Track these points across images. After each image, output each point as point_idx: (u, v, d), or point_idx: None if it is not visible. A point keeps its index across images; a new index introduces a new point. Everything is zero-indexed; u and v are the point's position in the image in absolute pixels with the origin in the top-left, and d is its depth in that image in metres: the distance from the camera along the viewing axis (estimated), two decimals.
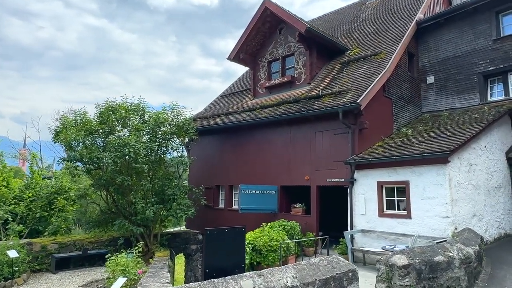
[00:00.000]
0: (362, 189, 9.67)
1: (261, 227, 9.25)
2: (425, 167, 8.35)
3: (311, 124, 11.58)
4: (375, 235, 9.22)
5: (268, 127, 13.05)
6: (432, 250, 6.02)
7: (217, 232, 4.73)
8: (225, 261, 4.60)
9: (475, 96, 12.46)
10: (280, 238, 8.03)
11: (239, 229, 4.98)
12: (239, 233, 4.94)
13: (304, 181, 11.46)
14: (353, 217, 9.79)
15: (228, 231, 4.86)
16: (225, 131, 14.82)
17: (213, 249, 4.52)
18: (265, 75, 15.29)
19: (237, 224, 13.66)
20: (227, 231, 4.85)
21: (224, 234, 4.77)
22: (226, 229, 4.90)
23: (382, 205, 9.22)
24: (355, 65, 12.88)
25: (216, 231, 4.79)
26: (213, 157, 15.36)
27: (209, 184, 15.20)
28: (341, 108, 10.05)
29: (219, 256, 4.53)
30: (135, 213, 12.32)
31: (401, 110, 12.52)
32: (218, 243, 4.58)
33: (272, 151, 12.75)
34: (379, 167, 9.25)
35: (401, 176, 8.83)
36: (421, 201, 8.36)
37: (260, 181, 12.76)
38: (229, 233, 4.83)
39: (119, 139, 11.64)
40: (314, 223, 10.96)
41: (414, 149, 8.82)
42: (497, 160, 10.13)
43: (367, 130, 10.51)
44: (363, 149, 10.30)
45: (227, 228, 4.92)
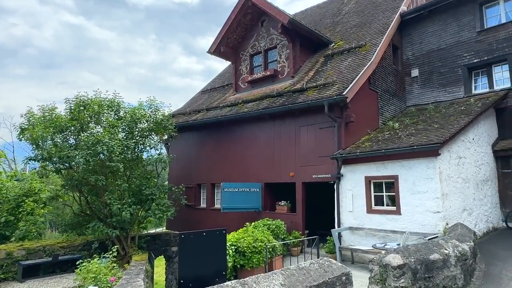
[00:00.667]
0: (350, 184, 9.29)
1: (244, 227, 8.72)
2: (414, 161, 8.03)
3: (295, 118, 11.14)
4: (363, 232, 8.85)
5: (250, 122, 12.53)
6: (427, 248, 5.65)
7: (193, 236, 4.11)
8: (204, 269, 4.00)
9: (460, 89, 12.31)
10: (265, 239, 7.53)
11: (219, 232, 4.38)
12: (219, 236, 4.33)
13: (289, 178, 11.01)
14: (341, 214, 9.41)
15: (206, 235, 4.24)
16: (206, 127, 14.21)
17: (189, 256, 3.89)
18: (247, 69, 14.76)
19: (220, 224, 13.14)
20: (205, 235, 4.23)
21: (201, 238, 4.15)
22: (204, 232, 4.27)
23: (370, 201, 8.86)
24: (339, 58, 12.51)
25: (192, 235, 4.17)
26: (194, 154, 14.73)
27: (190, 183, 14.57)
28: (327, 100, 9.64)
29: (196, 263, 3.91)
30: (111, 214, 11.58)
31: (387, 104, 12.24)
32: (194, 248, 3.96)
33: (255, 147, 12.25)
34: (367, 161, 8.89)
35: (390, 171, 8.49)
36: (410, 196, 8.03)
37: (243, 178, 12.24)
38: (207, 236, 4.22)
39: (92, 137, 10.88)
40: (300, 221, 10.53)
41: (403, 142, 8.49)
42: (484, 153, 9.95)
43: (353, 124, 10.15)
44: (350, 144, 9.93)
45: (206, 231, 4.30)
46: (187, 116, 15.23)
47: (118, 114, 12.96)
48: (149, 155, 13.24)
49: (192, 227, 14.33)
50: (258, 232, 7.84)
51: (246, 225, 8.63)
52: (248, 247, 7.14)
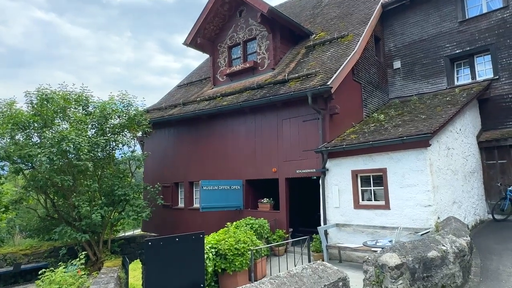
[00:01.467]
0: (335, 179, 8.83)
1: (225, 227, 8.08)
2: (403, 152, 7.64)
3: (277, 111, 10.59)
4: (351, 229, 8.42)
5: (230, 116, 11.91)
6: (424, 244, 5.23)
7: (163, 243, 3.40)
8: (177, 281, 3.30)
9: (443, 80, 12.12)
10: (248, 239, 6.94)
11: (195, 236, 3.68)
12: (196, 241, 3.63)
13: (272, 174, 10.47)
14: (326, 210, 8.94)
15: (180, 240, 3.52)
16: (183, 123, 13.47)
17: (158, 267, 3.16)
18: (225, 61, 14.10)
19: (199, 225, 12.49)
20: (179, 240, 3.53)
21: (173, 245, 3.43)
22: (176, 238, 3.55)
23: (358, 196, 8.44)
24: (321, 49, 12.06)
25: (161, 241, 3.45)
26: (170, 151, 13.95)
27: (166, 182, 13.81)
28: (311, 91, 9.14)
29: (167, 275, 3.19)
30: (80, 217, 10.70)
31: (370, 96, 11.89)
32: (165, 257, 3.24)
33: (236, 143, 11.64)
34: (354, 154, 8.45)
35: (378, 163, 8.08)
36: (400, 189, 7.64)
37: (223, 175, 11.61)
38: (181, 242, 3.51)
39: (56, 133, 9.96)
40: (283, 219, 10.01)
41: (390, 134, 8.10)
42: (470, 144, 9.74)
43: (338, 116, 9.71)
44: (334, 137, 9.48)
45: (179, 236, 3.59)
46: (162, 112, 14.42)
47: (87, 109, 12.05)
48: (123, 153, 12.40)
49: (169, 228, 13.57)
50: (240, 232, 7.24)
51: (227, 225, 8.01)
52: (230, 250, 6.53)
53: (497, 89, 10.95)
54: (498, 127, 10.87)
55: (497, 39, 11.08)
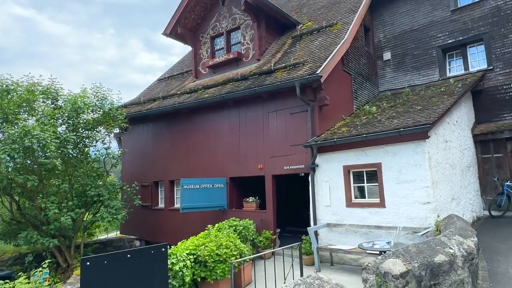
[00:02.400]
0: (326, 175, 8.19)
1: (206, 229, 7.31)
2: (400, 146, 7.04)
3: (263, 103, 9.89)
4: (343, 229, 7.80)
5: (212, 110, 11.14)
6: (430, 248, 4.61)
7: (108, 261, 2.51)
8: None
9: (434, 71, 11.64)
10: (231, 244, 6.20)
11: (156, 250, 2.80)
12: (157, 256, 2.77)
13: (257, 171, 9.76)
14: (317, 209, 8.30)
15: (133, 256, 2.64)
16: (162, 118, 12.62)
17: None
18: (207, 53, 13.30)
19: (180, 226, 11.69)
20: (132, 256, 2.65)
21: (124, 262, 2.56)
22: (128, 253, 2.67)
23: (350, 193, 7.82)
24: (308, 38, 11.40)
25: (106, 259, 2.54)
26: (149, 149, 13.08)
27: (145, 181, 12.95)
28: (298, 81, 8.46)
29: None
30: (47, 221, 9.77)
31: (360, 88, 11.31)
32: (112, 280, 2.42)
33: (219, 138, 10.88)
34: (345, 148, 7.82)
35: (372, 158, 7.47)
36: (396, 185, 7.05)
37: (206, 173, 10.84)
38: (136, 258, 2.65)
39: (19, 128, 9.00)
40: (270, 219, 9.33)
41: (385, 126, 7.49)
42: (466, 137, 9.25)
43: (328, 109, 9.07)
44: (324, 130, 8.84)
45: (131, 252, 2.65)
46: (141, 106, 13.52)
47: (56, 103, 11.09)
48: (97, 151, 11.48)
49: (149, 231, 12.73)
50: (222, 235, 6.51)
51: (208, 228, 7.23)
52: (211, 256, 5.80)
53: (491, 80, 10.51)
54: (493, 119, 10.44)
55: (491, 28, 10.64)
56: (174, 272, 5.37)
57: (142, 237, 13.23)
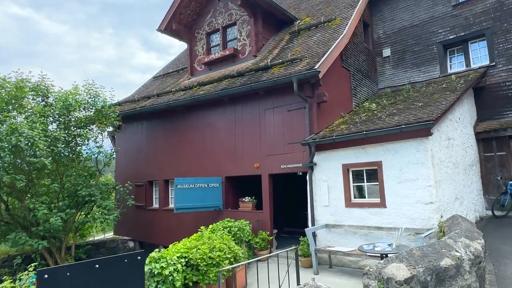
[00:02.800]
0: (324, 174, 7.91)
1: (199, 231, 6.98)
2: (401, 143, 6.76)
3: (259, 100, 9.59)
4: (342, 230, 7.51)
5: (207, 107, 10.84)
6: (435, 251, 4.33)
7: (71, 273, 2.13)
8: None
9: (435, 68, 11.37)
10: (225, 246, 5.90)
11: (130, 258, 2.38)
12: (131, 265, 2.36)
13: (254, 170, 9.46)
14: (315, 209, 8.01)
15: (103, 265, 2.24)
16: (157, 116, 12.31)
17: None
18: (203, 49, 12.99)
19: (174, 227, 11.38)
20: (100, 266, 2.25)
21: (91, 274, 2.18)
22: (96, 264, 2.27)
23: (350, 193, 7.53)
24: (306, 34, 11.11)
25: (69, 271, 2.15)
26: (144, 147, 12.77)
27: (140, 180, 12.64)
28: (296, 76, 8.17)
29: None
30: (37, 222, 9.45)
31: (360, 84, 11.03)
32: None
33: (214, 136, 10.58)
34: (345, 146, 7.54)
35: (372, 156, 7.18)
36: (397, 185, 6.77)
37: (201, 172, 10.54)
38: (107, 268, 2.25)
39: (7, 126, 8.69)
40: (267, 220, 9.04)
41: (386, 123, 7.21)
42: (469, 135, 8.98)
43: (326, 106, 8.79)
44: (323, 128, 8.56)
45: (99, 261, 2.25)
46: (135, 104, 13.20)
47: (47, 100, 10.76)
48: (88, 149, 11.15)
49: (143, 231, 12.43)
50: (216, 237, 6.21)
51: (200, 229, 6.91)
52: (203, 259, 5.50)
53: (494, 77, 10.24)
54: (495, 117, 10.17)
55: (493, 23, 10.36)
56: (164, 277, 5.08)
57: (136, 238, 12.92)
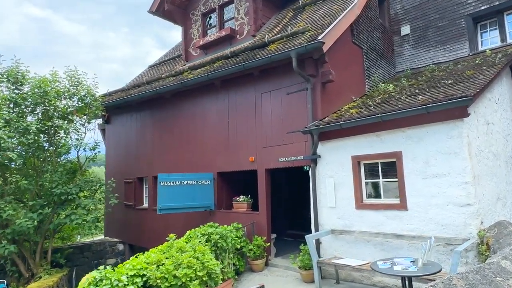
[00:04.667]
0: (330, 169, 6.48)
1: (167, 240, 5.56)
2: (427, 128, 5.28)
3: (254, 83, 8.22)
4: (352, 237, 6.09)
5: (198, 94, 9.54)
6: (486, 279, 2.88)
7: None
8: None
9: (464, 45, 9.71)
10: (195, 261, 4.55)
11: None
12: None
13: (248, 164, 8.12)
14: (319, 211, 6.60)
15: None
16: (147, 106, 11.09)
17: None
18: (199, 32, 11.67)
19: (162, 229, 10.06)
20: None
21: None
22: None
23: (361, 191, 6.09)
24: (311, 9, 9.66)
25: None
26: (133, 141, 11.59)
27: (129, 177, 11.47)
28: (295, 50, 6.76)
29: None
30: (4, 224, 8.38)
31: (374, 65, 9.51)
32: None
33: (206, 127, 9.28)
34: (355, 134, 6.10)
35: (389, 145, 5.72)
36: (422, 181, 5.30)
37: (193, 168, 9.28)
38: None
39: None
40: (264, 223, 7.67)
41: (407, 103, 5.73)
42: (509, 120, 7.36)
43: (334, 86, 7.35)
44: (328, 113, 7.12)
45: None
46: (124, 93, 12.01)
47: (20, 88, 9.66)
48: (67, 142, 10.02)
49: (132, 233, 11.25)
50: (188, 248, 4.88)
51: (169, 237, 5.51)
52: (165, 279, 4.19)
53: None
54: None
55: None
56: None
57: (126, 241, 11.78)
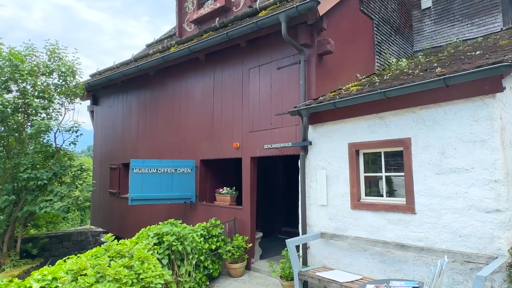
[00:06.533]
0: (323, 159, 5.30)
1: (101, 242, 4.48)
2: (445, 107, 4.02)
3: (242, 57, 7.05)
4: (345, 243, 4.92)
5: (184, 71, 8.46)
6: None
7: None
8: None
9: (496, 18, 8.23)
10: (128, 273, 3.48)
11: None
12: None
13: (233, 151, 7.00)
14: (307, 209, 5.45)
15: None
16: (133, 86, 10.12)
17: None
18: (193, 5, 10.49)
19: (147, 219, 9.26)
20: None
21: None
22: None
23: (358, 187, 4.90)
24: None
25: None
26: (119, 124, 10.66)
27: (114, 162, 10.57)
28: (284, 13, 5.53)
29: None
30: None
31: (387, 40, 8.16)
32: None
33: (190, 108, 8.20)
34: (353, 115, 4.88)
35: (395, 130, 4.49)
36: (436, 177, 4.07)
37: (176, 154, 8.27)
38: None
39: None
40: (247, 219, 6.58)
41: (421, 77, 4.47)
42: None
43: (333, 61, 6.11)
44: (326, 92, 5.90)
45: None
46: (111, 72, 11.04)
47: None
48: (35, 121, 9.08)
49: (116, 223, 10.39)
50: (125, 253, 3.82)
51: (106, 238, 4.42)
52: None
53: None
54: None
55: None
56: None
57: (110, 231, 10.92)
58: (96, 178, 11.49)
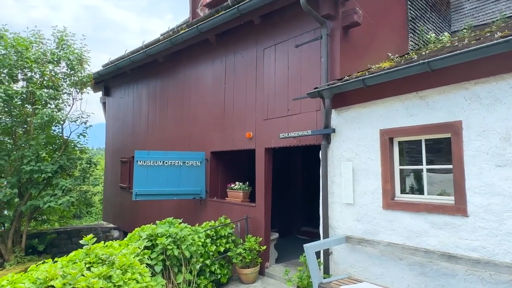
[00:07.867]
0: (349, 149, 4.48)
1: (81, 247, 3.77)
2: (510, 80, 3.12)
3: (256, 36, 6.28)
4: (376, 250, 4.10)
5: (193, 57, 7.80)
6: None
7: None
8: None
9: None
10: (104, 284, 2.84)
11: None
12: None
13: (245, 142, 6.27)
14: (329, 209, 4.65)
15: None
16: (143, 74, 9.57)
17: None
18: None
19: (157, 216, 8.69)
20: None
21: None
22: None
23: (393, 183, 4.05)
24: None
25: None
26: (130, 115, 10.15)
27: (124, 155, 10.09)
28: None
29: None
30: None
31: (422, 17, 7.18)
32: None
33: (200, 97, 7.52)
34: (385, 95, 4.03)
35: (440, 112, 3.62)
36: (496, 171, 3.18)
37: (187, 146, 7.64)
38: None
39: None
40: (260, 218, 5.83)
41: (472, 45, 3.57)
42: None
43: (361, 35, 5.26)
44: (352, 72, 5.04)
45: None
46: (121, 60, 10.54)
47: None
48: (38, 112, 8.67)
49: (127, 219, 9.91)
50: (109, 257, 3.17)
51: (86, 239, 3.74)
52: None
53: None
54: None
55: None
56: None
57: (121, 227, 10.49)
58: (107, 172, 11.10)
